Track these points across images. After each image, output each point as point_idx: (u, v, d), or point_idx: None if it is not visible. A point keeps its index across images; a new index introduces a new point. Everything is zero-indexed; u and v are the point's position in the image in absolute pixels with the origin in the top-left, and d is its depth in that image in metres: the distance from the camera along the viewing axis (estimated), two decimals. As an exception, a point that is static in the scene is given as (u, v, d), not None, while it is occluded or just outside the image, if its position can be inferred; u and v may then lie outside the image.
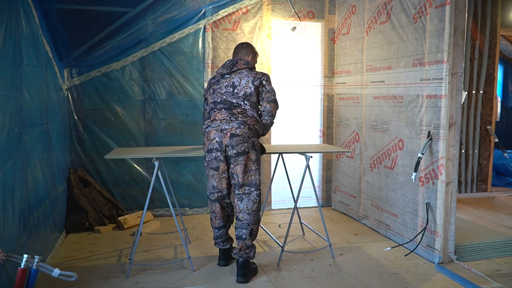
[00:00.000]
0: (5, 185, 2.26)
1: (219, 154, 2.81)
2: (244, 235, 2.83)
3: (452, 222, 3.10)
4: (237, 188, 2.85)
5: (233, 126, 2.77)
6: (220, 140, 2.78)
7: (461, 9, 2.95)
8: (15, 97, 2.48)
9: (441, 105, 3.05)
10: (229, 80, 2.92)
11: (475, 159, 5.24)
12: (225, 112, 2.84)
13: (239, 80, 2.90)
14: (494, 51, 5.12)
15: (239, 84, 2.89)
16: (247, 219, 2.83)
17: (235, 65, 2.96)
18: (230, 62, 2.99)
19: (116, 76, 4.17)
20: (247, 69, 2.97)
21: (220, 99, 2.91)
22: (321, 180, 4.85)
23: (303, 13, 4.56)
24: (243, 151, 2.77)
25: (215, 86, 2.97)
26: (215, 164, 2.84)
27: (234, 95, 2.88)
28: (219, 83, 2.96)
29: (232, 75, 2.93)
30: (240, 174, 2.80)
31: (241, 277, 2.80)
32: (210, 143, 2.82)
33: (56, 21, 3.46)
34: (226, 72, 2.95)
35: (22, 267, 1.97)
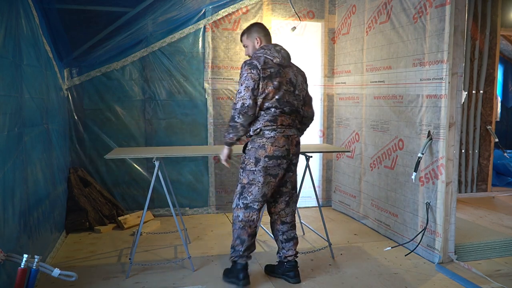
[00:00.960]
0: (5, 185, 2.26)
1: (284, 162, 2.64)
2: (296, 234, 2.86)
3: (452, 222, 3.10)
4: (287, 196, 2.79)
5: (295, 132, 2.68)
6: (288, 147, 2.63)
7: (461, 9, 2.95)
8: (15, 97, 2.48)
9: (441, 105, 3.05)
10: (287, 75, 2.64)
11: (475, 159, 5.24)
12: (289, 117, 2.64)
13: (295, 77, 2.66)
14: (494, 51, 5.12)
15: (297, 83, 2.67)
16: (294, 219, 2.87)
17: (289, 57, 2.70)
18: (284, 51, 2.66)
19: (116, 76, 4.17)
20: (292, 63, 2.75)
21: (285, 99, 2.60)
22: (321, 180, 4.85)
23: (303, 13, 4.56)
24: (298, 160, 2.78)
25: (279, 79, 2.58)
26: (276, 171, 2.63)
27: (295, 96, 2.66)
28: (281, 76, 2.60)
29: (286, 69, 2.65)
30: (294, 181, 2.82)
31: (297, 278, 2.80)
32: (278, 149, 2.59)
33: (56, 21, 3.46)
34: (287, 64, 2.65)
35: (22, 267, 1.97)
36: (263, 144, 2.58)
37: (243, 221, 2.69)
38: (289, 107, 2.61)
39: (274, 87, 2.55)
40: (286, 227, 2.83)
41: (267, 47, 2.64)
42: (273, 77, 2.55)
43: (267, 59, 2.58)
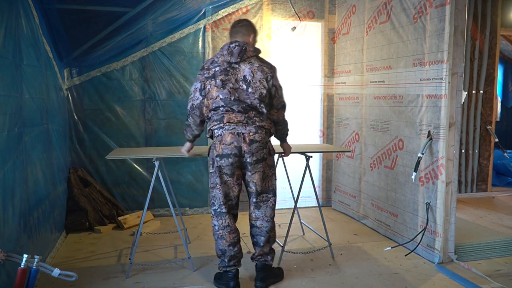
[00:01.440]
0: (5, 185, 2.26)
1: (236, 159, 2.55)
2: (262, 242, 2.69)
3: (452, 222, 3.10)
4: (254, 197, 2.66)
5: (251, 130, 2.54)
6: (239, 145, 2.53)
7: (461, 9, 2.95)
8: (15, 97, 2.48)
9: (441, 105, 3.05)
10: (239, 72, 2.56)
11: (475, 159, 5.24)
12: (241, 114, 2.54)
13: (251, 74, 2.55)
14: (494, 51, 5.12)
15: (253, 80, 2.55)
16: (265, 226, 2.68)
17: (244, 52, 2.56)
18: (237, 47, 2.56)
19: (116, 76, 4.17)
20: (256, 58, 2.62)
21: (233, 97, 2.53)
22: (321, 180, 4.85)
23: (303, 13, 4.56)
24: (262, 158, 2.59)
25: (223, 77, 2.54)
26: (231, 171, 2.57)
27: (248, 94, 2.54)
28: (228, 74, 2.55)
29: (241, 65, 2.56)
30: (259, 182, 2.62)
31: (259, 282, 2.67)
32: (226, 147, 2.54)
33: (56, 21, 3.46)
34: (235, 61, 2.56)
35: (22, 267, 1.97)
36: (214, 144, 2.62)
37: (219, 230, 2.63)
38: (239, 105, 2.53)
39: (216, 86, 2.54)
40: (255, 230, 2.70)
41: (223, 46, 2.63)
42: (216, 76, 2.55)
43: (215, 59, 2.61)
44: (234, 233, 2.65)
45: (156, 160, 2.92)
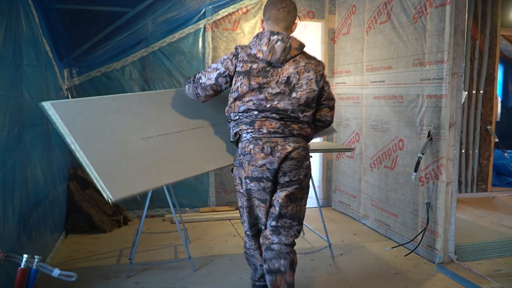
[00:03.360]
0: (5, 185, 2.26)
1: (269, 184, 2.10)
2: (282, 267, 2.11)
3: (452, 222, 3.10)
4: (274, 219, 2.15)
5: (287, 145, 2.08)
6: (272, 167, 2.07)
7: (461, 9, 2.95)
8: (15, 97, 2.48)
9: (441, 105, 3.05)
10: (281, 73, 2.09)
11: (475, 159, 5.24)
12: (276, 122, 2.09)
13: (297, 75, 2.09)
14: (494, 51, 5.12)
15: (298, 83, 2.09)
16: (284, 249, 2.15)
17: (289, 51, 2.08)
18: (281, 44, 2.06)
19: (116, 76, 4.17)
20: (302, 55, 2.14)
21: (270, 104, 2.07)
22: (321, 180, 4.85)
23: (303, 13, 4.56)
24: (297, 179, 2.12)
25: (260, 79, 2.07)
26: (264, 196, 2.14)
27: (291, 99, 2.08)
28: (267, 75, 2.08)
29: (285, 65, 2.10)
30: (284, 203, 2.12)
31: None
32: (255, 169, 2.09)
33: (56, 21, 3.46)
34: (277, 61, 2.08)
35: (22, 267, 1.97)
36: (241, 162, 2.14)
37: (251, 249, 2.32)
38: (275, 112, 2.09)
39: (251, 89, 2.08)
40: (269, 254, 2.16)
41: (261, 35, 2.12)
42: (252, 76, 2.08)
43: (253, 51, 2.12)
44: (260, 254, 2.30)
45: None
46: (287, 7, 2.14)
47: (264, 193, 2.14)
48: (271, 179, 2.10)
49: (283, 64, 2.10)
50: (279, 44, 2.07)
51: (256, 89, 2.09)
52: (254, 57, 2.11)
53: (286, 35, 2.11)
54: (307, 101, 2.12)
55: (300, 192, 2.17)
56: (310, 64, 2.14)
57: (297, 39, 2.15)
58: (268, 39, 2.09)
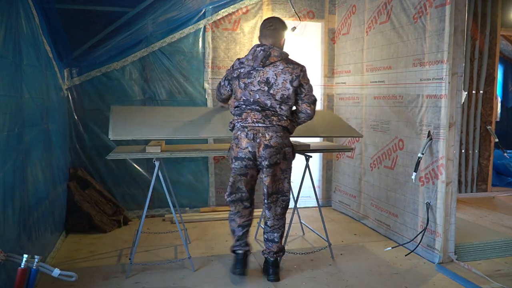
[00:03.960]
0: (5, 185, 2.26)
1: (250, 163, 2.70)
2: (276, 238, 2.83)
3: (452, 222, 3.10)
4: (266, 198, 2.79)
5: (267, 134, 2.64)
6: (253, 150, 2.66)
7: (461, 9, 2.95)
8: (15, 97, 2.48)
9: (441, 105, 3.05)
10: (262, 75, 2.66)
11: (475, 159, 5.24)
12: (259, 114, 2.66)
13: (274, 76, 2.65)
14: (494, 51, 5.12)
15: (275, 83, 2.64)
16: (276, 224, 2.82)
17: (268, 58, 2.65)
18: (262, 53, 2.66)
19: (116, 76, 4.17)
20: (282, 61, 2.68)
21: (252, 98, 2.67)
22: (321, 180, 4.85)
23: (303, 13, 4.56)
24: (275, 163, 2.69)
25: (245, 80, 2.69)
26: (244, 171, 2.74)
27: (269, 95, 2.65)
28: (251, 77, 2.68)
29: (266, 69, 2.66)
30: (270, 184, 2.74)
31: (274, 275, 2.82)
32: (240, 151, 2.69)
33: (56, 21, 3.46)
34: (258, 66, 2.66)
35: (22, 267, 1.97)
36: (232, 146, 2.76)
37: (230, 215, 2.89)
38: (257, 105, 2.67)
39: (239, 87, 2.72)
40: (267, 229, 2.85)
41: (252, 48, 2.75)
42: (240, 78, 2.71)
43: (244, 60, 2.75)
44: (244, 218, 2.86)
45: (156, 160, 2.92)
46: (273, 26, 2.76)
47: (245, 169, 2.72)
48: (252, 159, 2.68)
49: (264, 68, 2.66)
50: (261, 52, 2.67)
51: (243, 87, 2.70)
52: (243, 64, 2.73)
53: (269, 46, 2.70)
54: (282, 97, 2.66)
55: (282, 173, 2.76)
56: (288, 68, 2.67)
57: (278, 49, 2.71)
58: (254, 50, 2.71)
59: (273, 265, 2.85)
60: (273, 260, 2.85)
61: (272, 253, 2.84)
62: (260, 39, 2.82)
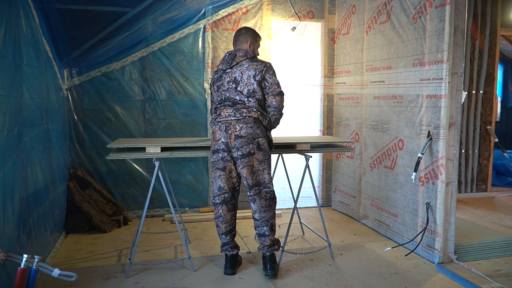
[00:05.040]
0: (5, 185, 2.26)
1: (225, 154, 2.81)
2: (267, 231, 2.86)
3: (452, 222, 3.10)
4: (248, 190, 2.84)
5: (238, 125, 2.76)
6: (226, 140, 2.78)
7: (461, 9, 2.95)
8: (15, 97, 2.48)
9: (441, 105, 3.05)
10: (230, 75, 2.86)
11: (475, 159, 5.24)
12: (230, 108, 2.81)
13: (240, 74, 2.84)
14: (494, 51, 5.12)
15: (241, 80, 2.83)
16: (264, 216, 2.85)
17: (233, 58, 2.88)
18: (228, 56, 2.92)
19: (116, 76, 4.17)
20: (247, 60, 2.88)
21: (224, 96, 2.87)
22: (321, 180, 4.85)
23: (303, 13, 4.56)
24: (248, 153, 2.76)
25: (218, 83, 2.91)
26: (222, 164, 2.83)
27: (237, 92, 2.83)
28: (221, 79, 2.89)
29: (233, 69, 2.86)
30: (248, 176, 2.79)
31: (271, 270, 2.85)
32: (216, 143, 2.82)
33: (56, 21, 3.46)
34: (226, 68, 2.88)
35: (22, 267, 1.97)
36: (211, 142, 2.91)
37: (215, 219, 2.94)
38: (228, 101, 2.84)
39: (214, 90, 2.95)
40: (256, 223, 2.89)
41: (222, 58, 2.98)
42: (214, 83, 2.94)
43: (218, 67, 2.97)
44: (226, 223, 2.90)
45: (156, 160, 2.92)
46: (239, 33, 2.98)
47: (222, 162, 2.82)
48: (226, 150, 2.79)
49: (232, 69, 2.87)
50: (228, 56, 2.92)
51: (216, 90, 2.92)
52: (217, 71, 2.97)
53: (235, 49, 2.93)
54: (249, 91, 2.81)
55: (259, 164, 2.82)
56: (252, 65, 2.84)
57: (244, 50, 2.91)
58: (224, 56, 2.96)
59: (270, 260, 2.88)
60: (269, 255, 2.89)
61: (266, 247, 2.87)
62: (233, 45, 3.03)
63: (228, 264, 2.94)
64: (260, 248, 2.91)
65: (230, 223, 2.92)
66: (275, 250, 2.91)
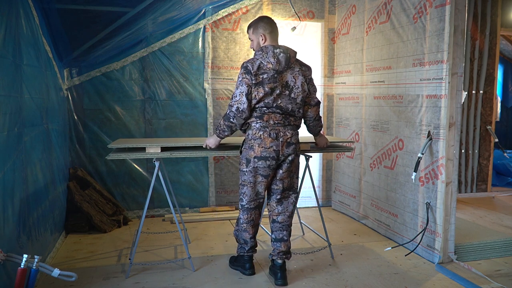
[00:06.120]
0: (5, 185, 2.26)
1: (273, 162, 2.69)
2: (285, 236, 2.81)
3: (452, 222, 3.10)
4: (278, 194, 2.80)
5: (288, 132, 2.69)
6: (278, 149, 2.67)
7: (461, 9, 2.95)
8: (15, 97, 2.48)
9: (441, 105, 3.05)
10: (283, 79, 2.66)
11: (475, 159, 5.24)
12: (279, 115, 2.67)
13: (293, 79, 2.68)
14: (494, 51, 5.12)
15: (295, 85, 2.68)
16: (286, 221, 2.82)
17: (289, 60, 2.67)
18: (283, 56, 2.64)
19: (116, 76, 4.17)
20: (297, 63, 2.75)
21: (276, 103, 2.64)
22: (321, 180, 4.85)
23: (303, 13, 4.56)
24: (294, 159, 2.75)
25: (271, 85, 2.62)
26: (267, 172, 2.71)
27: (291, 100, 2.68)
28: (276, 81, 2.63)
29: (285, 72, 2.67)
30: (285, 179, 2.78)
31: (282, 280, 2.75)
32: (265, 150, 2.66)
33: (56, 21, 3.46)
34: (282, 70, 2.65)
35: (22, 267, 1.97)
36: (251, 145, 2.69)
37: (244, 224, 2.84)
38: (280, 110, 2.66)
39: (265, 93, 2.61)
40: (276, 226, 2.84)
41: (266, 49, 2.65)
42: (265, 83, 2.61)
43: (262, 64, 2.62)
44: (256, 227, 2.88)
45: (156, 160, 2.92)
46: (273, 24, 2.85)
47: (268, 169, 2.70)
48: (275, 158, 2.68)
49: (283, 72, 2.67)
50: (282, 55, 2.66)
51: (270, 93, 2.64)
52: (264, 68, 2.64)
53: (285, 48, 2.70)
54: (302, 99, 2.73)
55: (296, 169, 2.83)
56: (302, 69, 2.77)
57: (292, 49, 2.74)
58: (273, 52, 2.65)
59: (281, 269, 2.78)
60: (281, 263, 2.79)
61: (282, 253, 2.78)
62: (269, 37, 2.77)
63: (248, 264, 2.90)
64: (273, 255, 2.81)
65: (258, 226, 2.91)
66: (288, 258, 2.82)
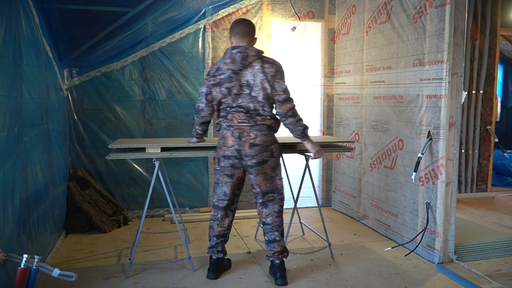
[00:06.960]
0: (5, 185, 2.26)
1: (236, 161, 2.70)
2: (277, 237, 2.79)
3: (452, 222, 3.10)
4: (260, 197, 2.79)
5: (252, 133, 2.65)
6: (239, 148, 2.66)
7: (461, 9, 2.95)
8: (15, 97, 2.48)
9: (441, 105, 3.05)
10: (242, 78, 2.64)
11: (475, 159, 5.24)
12: (243, 114, 2.66)
13: (253, 78, 2.63)
14: (494, 51, 5.12)
15: (254, 83, 2.63)
16: (276, 221, 2.80)
17: (246, 58, 2.62)
18: (239, 55, 2.62)
19: (116, 76, 4.17)
20: (258, 60, 2.65)
21: (235, 103, 2.67)
22: (321, 180, 4.85)
23: (303, 13, 4.56)
24: (262, 160, 2.68)
25: (227, 85, 2.65)
26: (231, 171, 2.74)
27: (251, 98, 2.65)
28: (232, 81, 2.64)
29: (244, 71, 2.64)
30: (262, 183, 2.73)
31: (282, 279, 2.76)
32: (227, 149, 2.69)
33: (56, 21, 3.46)
34: (238, 68, 2.63)
35: (22, 267, 1.97)
36: (220, 145, 2.76)
37: (211, 220, 2.92)
38: (243, 109, 2.66)
39: (222, 94, 2.68)
40: (267, 228, 2.81)
41: (226, 51, 2.71)
42: (222, 84, 2.67)
43: (221, 65, 2.69)
44: (222, 227, 2.88)
45: (156, 160, 2.92)
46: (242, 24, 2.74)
47: (231, 169, 2.73)
48: (238, 157, 2.68)
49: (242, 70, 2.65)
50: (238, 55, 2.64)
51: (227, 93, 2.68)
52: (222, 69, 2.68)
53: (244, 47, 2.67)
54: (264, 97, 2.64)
55: (272, 171, 2.75)
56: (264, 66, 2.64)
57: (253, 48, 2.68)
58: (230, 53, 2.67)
59: (280, 268, 2.78)
60: (279, 262, 2.79)
61: (277, 253, 2.78)
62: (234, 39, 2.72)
63: (211, 267, 2.88)
64: (269, 256, 2.81)
65: (224, 228, 2.88)
66: (285, 257, 2.82)
